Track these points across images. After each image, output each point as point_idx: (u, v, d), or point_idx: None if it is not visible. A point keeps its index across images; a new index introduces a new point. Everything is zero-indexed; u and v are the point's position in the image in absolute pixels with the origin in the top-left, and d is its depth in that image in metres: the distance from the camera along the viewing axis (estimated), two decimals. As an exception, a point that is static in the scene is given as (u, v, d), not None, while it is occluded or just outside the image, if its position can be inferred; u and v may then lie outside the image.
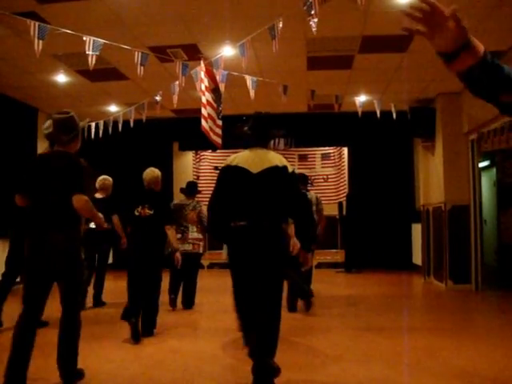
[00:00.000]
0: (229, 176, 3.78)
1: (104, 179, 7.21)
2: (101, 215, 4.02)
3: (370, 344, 5.07)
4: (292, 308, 6.65)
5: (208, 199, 3.98)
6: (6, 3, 5.22)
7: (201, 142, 7.63)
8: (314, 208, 6.92)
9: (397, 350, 4.85)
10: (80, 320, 3.73)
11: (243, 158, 3.81)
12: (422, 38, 1.44)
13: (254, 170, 3.72)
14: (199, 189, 7.61)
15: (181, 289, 7.10)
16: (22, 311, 3.55)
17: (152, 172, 5.74)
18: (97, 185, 7.11)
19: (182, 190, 7.37)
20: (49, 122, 3.76)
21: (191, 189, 7.25)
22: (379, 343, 5.09)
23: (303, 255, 3.90)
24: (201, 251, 7.11)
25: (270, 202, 3.70)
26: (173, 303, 6.90)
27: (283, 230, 3.85)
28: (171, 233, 5.67)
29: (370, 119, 8.33)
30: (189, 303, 7.05)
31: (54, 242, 3.55)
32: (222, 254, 4.54)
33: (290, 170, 3.79)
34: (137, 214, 5.49)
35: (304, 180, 7.20)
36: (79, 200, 3.56)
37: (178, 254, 5.80)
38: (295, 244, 4.43)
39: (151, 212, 5.47)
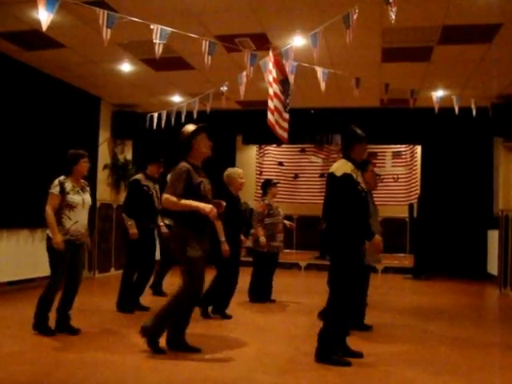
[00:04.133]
0: None
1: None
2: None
3: (441, 355, 4.71)
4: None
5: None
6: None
7: (265, 136, 7.41)
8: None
9: (472, 365, 4.47)
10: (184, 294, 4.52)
11: None
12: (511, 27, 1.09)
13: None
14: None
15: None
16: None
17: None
18: None
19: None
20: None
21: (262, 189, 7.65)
22: (450, 355, 4.74)
23: None
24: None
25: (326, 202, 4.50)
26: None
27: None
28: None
29: (446, 116, 7.81)
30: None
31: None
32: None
33: (338, 174, 4.32)
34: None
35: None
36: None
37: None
38: None
39: None
